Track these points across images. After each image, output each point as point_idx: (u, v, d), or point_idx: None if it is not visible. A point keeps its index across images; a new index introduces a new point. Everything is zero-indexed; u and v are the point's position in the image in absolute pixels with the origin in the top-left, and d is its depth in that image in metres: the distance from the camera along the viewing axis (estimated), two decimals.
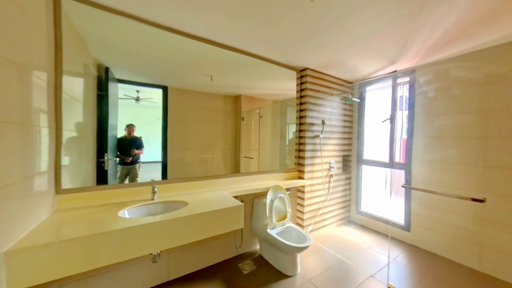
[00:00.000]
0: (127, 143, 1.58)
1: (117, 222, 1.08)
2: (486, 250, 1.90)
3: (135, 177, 1.60)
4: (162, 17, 1.49)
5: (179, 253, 1.73)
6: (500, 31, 1.57)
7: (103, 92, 1.46)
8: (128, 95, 1.57)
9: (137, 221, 1.09)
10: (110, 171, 1.51)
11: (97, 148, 1.44)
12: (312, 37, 1.73)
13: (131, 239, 1.03)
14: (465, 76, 2.01)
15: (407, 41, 1.76)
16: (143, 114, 1.62)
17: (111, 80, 1.50)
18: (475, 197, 1.51)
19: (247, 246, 2.16)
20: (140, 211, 1.38)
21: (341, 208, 2.96)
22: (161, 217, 1.17)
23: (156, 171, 1.68)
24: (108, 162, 1.51)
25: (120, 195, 1.46)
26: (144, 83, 1.63)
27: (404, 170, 2.48)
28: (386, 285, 1.71)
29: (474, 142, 1.95)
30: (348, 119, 2.98)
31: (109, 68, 1.49)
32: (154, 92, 1.68)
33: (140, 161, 1.63)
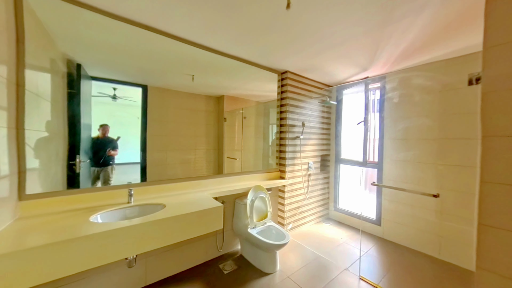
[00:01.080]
0: (101, 144, 1.51)
1: (88, 227, 1.04)
2: (445, 240, 2.12)
3: (108, 180, 1.53)
4: (139, 15, 1.46)
5: (157, 256, 1.70)
6: (450, 46, 1.79)
7: (74, 90, 1.39)
8: (103, 92, 1.51)
9: (110, 226, 1.06)
10: (83, 174, 1.43)
11: (68, 150, 1.36)
12: (291, 43, 1.79)
13: (103, 244, 1.00)
14: (424, 84, 2.24)
15: (376, 51, 1.90)
16: (121, 113, 1.56)
17: (83, 78, 1.43)
18: (433, 192, 1.68)
19: (228, 246, 2.18)
20: (115, 215, 1.33)
21: (320, 206, 3.09)
22: (136, 220, 1.15)
23: (134, 173, 1.63)
24: (80, 164, 1.44)
25: (94, 199, 1.40)
26: (122, 81, 1.56)
27: (376, 169, 2.67)
28: (358, 277, 1.83)
29: (433, 143, 2.16)
30: (326, 121, 3.13)
31: (81, 64, 1.42)
32: (133, 91, 1.62)
33: (114, 163, 1.56)
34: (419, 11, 1.33)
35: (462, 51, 1.88)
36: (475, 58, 1.19)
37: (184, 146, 1.90)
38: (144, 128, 1.67)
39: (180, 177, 1.83)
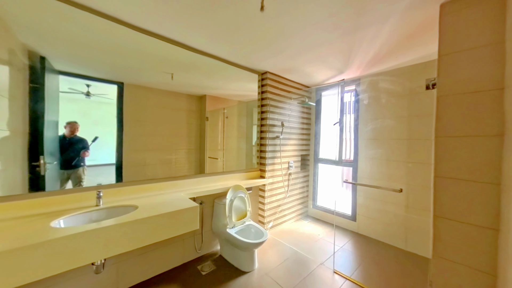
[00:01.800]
0: (68, 144, 1.41)
1: (47, 233, 0.98)
2: (410, 232, 2.29)
3: (80, 183, 1.44)
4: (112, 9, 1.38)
5: (130, 260, 1.63)
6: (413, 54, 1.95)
7: (37, 85, 1.29)
8: (74, 89, 1.41)
9: (71, 230, 1.00)
10: (50, 177, 1.34)
11: (29, 150, 1.26)
12: (269, 44, 1.83)
13: (63, 250, 0.95)
14: (391, 88, 2.42)
15: (349, 55, 2.01)
16: (96, 112, 1.48)
17: (49, 72, 1.33)
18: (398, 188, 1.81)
19: (207, 247, 2.16)
20: (80, 220, 1.26)
21: (299, 204, 3.18)
22: (102, 223, 1.10)
23: (109, 174, 1.55)
24: (45, 166, 1.34)
25: (58, 203, 1.31)
26: (96, 78, 1.48)
27: (352, 167, 2.81)
28: (333, 270, 1.92)
29: (401, 142, 2.33)
30: (306, 121, 3.22)
31: (46, 58, 1.32)
32: (109, 88, 1.54)
33: (85, 164, 1.47)
34: (384, 20, 1.42)
35: (423, 59, 2.05)
36: (433, 65, 1.31)
37: (165, 146, 1.85)
38: (120, 127, 1.59)
39: (156, 178, 1.78)
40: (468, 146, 1.17)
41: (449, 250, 1.25)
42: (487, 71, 1.13)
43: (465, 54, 1.19)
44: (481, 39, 1.14)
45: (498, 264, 1.08)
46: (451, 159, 1.23)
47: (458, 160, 1.20)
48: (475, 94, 1.16)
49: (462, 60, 1.20)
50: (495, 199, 1.10)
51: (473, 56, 1.17)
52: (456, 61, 1.22)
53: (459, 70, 1.21)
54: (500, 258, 1.04)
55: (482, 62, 1.14)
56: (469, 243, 1.18)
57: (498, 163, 1.09)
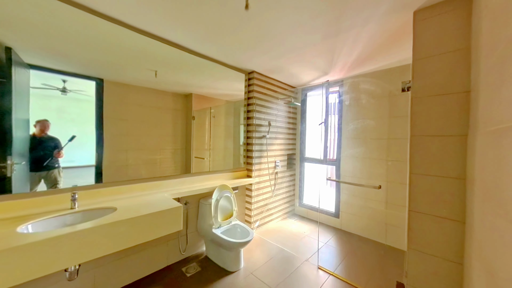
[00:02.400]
0: (39, 144, 1.31)
1: (12, 239, 0.90)
2: (390, 227, 2.41)
3: (55, 185, 1.35)
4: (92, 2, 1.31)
5: (109, 265, 1.56)
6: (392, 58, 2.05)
7: (2, 79, 1.18)
8: (49, 84, 1.32)
9: (40, 235, 0.93)
10: (19, 179, 1.23)
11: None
12: (254, 44, 1.83)
13: (33, 256, 0.88)
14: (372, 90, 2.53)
15: (333, 57, 2.07)
16: (73, 109, 1.39)
17: (16, 64, 1.23)
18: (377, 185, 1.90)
19: (192, 248, 2.12)
20: (52, 224, 1.18)
21: (286, 202, 3.22)
22: (75, 227, 1.03)
23: (89, 176, 1.47)
24: (12, 166, 1.23)
25: (28, 206, 1.22)
26: (71, 73, 1.39)
27: (335, 166, 2.90)
28: (317, 266, 1.97)
29: (380, 142, 2.45)
30: (292, 121, 3.27)
31: (12, 49, 1.21)
32: (88, 84, 1.46)
33: (60, 165, 1.38)
34: (363, 24, 1.48)
35: (401, 62, 2.16)
36: (409, 69, 1.39)
37: (149, 146, 1.79)
38: (100, 126, 1.51)
39: (138, 178, 1.71)
40: (439, 145, 1.26)
41: (422, 242, 1.33)
42: (456, 75, 1.21)
43: (436, 59, 1.27)
44: (450, 44, 1.23)
45: (464, 253, 1.17)
46: (424, 157, 1.31)
47: (430, 157, 1.28)
48: (445, 96, 1.24)
49: (433, 64, 1.28)
50: (461, 194, 1.19)
51: (444, 61, 1.25)
52: (429, 65, 1.30)
53: (431, 73, 1.29)
54: (466, 248, 1.13)
55: (452, 67, 1.23)
56: (440, 235, 1.26)
57: (464, 160, 1.18)
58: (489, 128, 0.79)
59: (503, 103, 0.65)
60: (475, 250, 0.94)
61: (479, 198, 0.90)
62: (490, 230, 0.75)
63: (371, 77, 2.50)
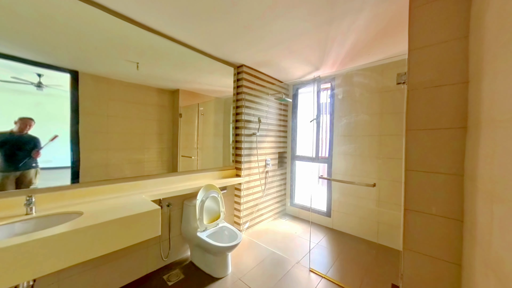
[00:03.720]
0: (16, 142, 1.17)
1: None
2: (382, 226, 2.36)
3: (29, 186, 1.21)
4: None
5: (76, 276, 1.38)
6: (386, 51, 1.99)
7: None
8: (19, 78, 1.16)
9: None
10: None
11: None
12: (241, 34, 1.71)
13: None
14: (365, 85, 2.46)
15: (324, 49, 1.98)
16: (49, 106, 1.26)
17: None
18: (371, 182, 1.83)
19: (176, 254, 1.96)
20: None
21: (277, 202, 3.12)
22: (25, 237, 0.87)
23: (63, 178, 1.32)
24: None
25: None
26: (41, 63, 1.23)
27: (327, 164, 2.83)
28: (308, 269, 1.87)
29: (373, 138, 2.39)
30: (283, 118, 3.17)
31: None
32: (62, 77, 1.31)
33: (38, 165, 1.24)
34: (357, 11, 1.39)
35: (396, 58, 2.11)
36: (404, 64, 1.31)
37: (132, 145, 1.65)
38: (76, 123, 1.36)
39: (112, 178, 1.54)
40: (436, 139, 1.19)
41: (418, 242, 1.26)
42: (454, 65, 1.14)
43: (433, 48, 1.20)
44: (448, 33, 1.16)
45: (462, 254, 1.10)
46: (420, 152, 1.23)
47: (427, 152, 1.21)
48: (442, 87, 1.17)
49: (430, 54, 1.21)
50: (459, 191, 1.12)
51: (441, 50, 1.18)
52: (425, 55, 1.23)
53: (428, 64, 1.22)
54: (465, 248, 1.06)
55: (449, 56, 1.16)
56: (437, 234, 1.19)
57: (462, 155, 1.11)
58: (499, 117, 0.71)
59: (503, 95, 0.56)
60: (479, 252, 0.86)
61: (485, 197, 0.82)
62: (500, 232, 0.67)
63: (365, 71, 2.44)
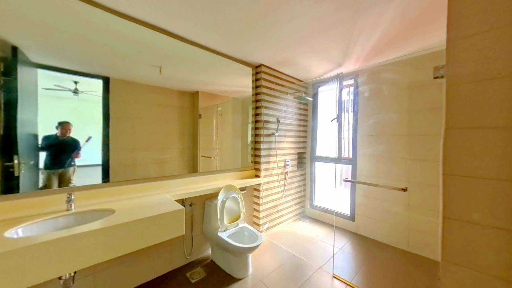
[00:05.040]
0: (60, 144, 1.30)
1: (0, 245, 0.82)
2: (412, 232, 2.19)
3: (68, 184, 1.33)
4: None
5: (110, 270, 1.48)
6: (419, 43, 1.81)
7: (8, 77, 1.14)
8: (60, 85, 1.29)
9: (31, 240, 0.85)
10: (25, 178, 1.20)
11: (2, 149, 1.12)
12: (263, 33, 1.69)
13: (23, 264, 0.80)
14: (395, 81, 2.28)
15: (348, 44, 1.88)
16: (85, 110, 1.38)
17: (22, 64, 1.19)
18: (402, 186, 1.70)
19: (198, 252, 2.01)
20: (44, 227, 1.10)
21: (296, 204, 3.05)
22: (69, 231, 0.94)
23: (95, 175, 1.43)
24: (20, 166, 1.18)
25: (20, 208, 1.15)
26: (77, 72, 1.35)
27: (351, 165, 2.69)
28: (332, 275, 1.80)
29: (402, 138, 2.22)
30: (302, 118, 3.09)
31: (18, 48, 1.17)
32: (95, 83, 1.43)
33: (76, 164, 1.36)
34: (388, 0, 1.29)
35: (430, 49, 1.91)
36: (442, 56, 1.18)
37: (155, 145, 1.73)
38: (107, 125, 1.47)
39: (139, 178, 1.62)
40: (481, 139, 1.05)
41: (460, 254, 1.12)
42: (503, 56, 1.00)
43: (477, 38, 1.07)
44: (496, 19, 1.02)
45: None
46: (461, 154, 1.10)
47: (470, 155, 1.08)
48: (489, 81, 1.04)
49: (474, 44, 1.08)
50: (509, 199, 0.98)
51: (487, 40, 1.04)
52: (468, 45, 1.10)
53: (471, 56, 1.08)
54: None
55: (498, 46, 1.02)
56: (482, 246, 1.06)
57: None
58: None
59: None
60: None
61: None
62: None
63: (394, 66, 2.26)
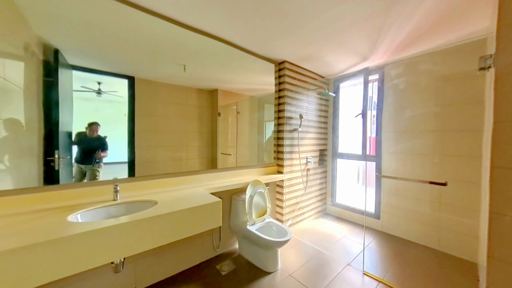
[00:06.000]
0: (89, 142, 1.38)
1: (65, 228, 0.89)
2: (444, 231, 2.10)
3: (95, 178, 1.39)
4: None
5: (148, 259, 1.55)
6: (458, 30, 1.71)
7: (51, 79, 1.22)
8: (86, 87, 1.36)
9: (92, 225, 0.91)
10: (63, 171, 1.28)
11: (44, 145, 1.20)
12: (291, 28, 1.69)
13: (84, 247, 0.86)
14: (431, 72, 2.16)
15: (378, 38, 1.83)
16: (106, 110, 1.42)
17: (62, 66, 1.26)
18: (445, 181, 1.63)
19: (225, 245, 2.05)
20: (98, 214, 1.18)
21: (318, 201, 3.03)
22: (123, 219, 1.00)
23: (120, 172, 1.49)
24: (59, 160, 1.27)
25: (73, 197, 1.24)
26: (106, 72, 1.42)
27: (375, 162, 2.63)
28: (362, 272, 1.77)
29: (436, 134, 2.13)
30: (323, 114, 3.06)
31: (59, 50, 1.25)
32: (119, 84, 1.48)
33: (102, 161, 1.43)
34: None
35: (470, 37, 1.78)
36: (483, 45, 1.11)
37: (176, 143, 1.77)
38: (132, 123, 1.53)
39: (171, 172, 1.68)
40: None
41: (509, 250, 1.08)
42: None
43: None
44: None
45: None
46: None
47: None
48: None
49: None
50: None
51: None
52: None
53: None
54: None
55: None
56: None
57: None
58: None
59: None
60: None
61: None
62: None
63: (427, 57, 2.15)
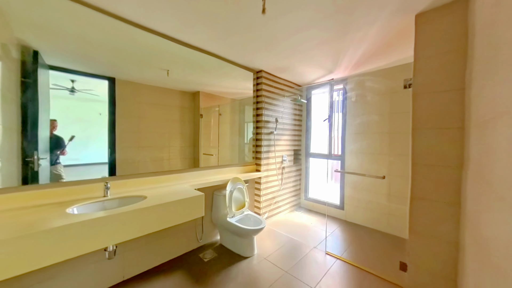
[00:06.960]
0: (50, 141, 1.34)
1: (66, 218, 1.05)
2: (391, 217, 2.55)
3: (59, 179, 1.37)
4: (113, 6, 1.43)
5: (135, 250, 1.71)
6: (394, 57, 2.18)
7: (30, 80, 1.23)
8: (58, 84, 1.32)
9: (89, 216, 1.08)
10: (43, 172, 1.30)
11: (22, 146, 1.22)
12: (266, 45, 1.96)
13: (83, 233, 1.02)
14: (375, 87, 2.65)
15: (338, 56, 2.20)
16: (78, 109, 1.39)
17: (41, 67, 1.28)
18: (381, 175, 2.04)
19: (208, 237, 2.27)
20: (93, 208, 1.33)
21: (293, 196, 3.37)
22: (117, 210, 1.18)
23: (100, 173, 1.50)
24: (38, 162, 1.28)
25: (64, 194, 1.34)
26: (85, 73, 1.43)
27: (340, 161, 3.03)
28: (325, 252, 2.12)
29: (383, 136, 2.58)
30: (298, 118, 3.40)
31: (39, 52, 1.27)
32: (95, 83, 1.46)
33: (60, 162, 1.38)
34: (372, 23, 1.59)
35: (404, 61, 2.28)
36: (411, 67, 1.49)
37: (158, 143, 1.86)
38: (113, 124, 1.56)
39: (157, 171, 1.83)
40: (437, 136, 1.39)
41: (422, 225, 1.47)
42: (453, 73, 1.34)
43: (436, 58, 1.40)
44: (448, 45, 1.36)
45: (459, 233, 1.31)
46: (424, 147, 1.44)
47: (430, 148, 1.42)
48: (443, 93, 1.37)
49: (433, 63, 1.41)
50: (458, 180, 1.32)
51: (442, 60, 1.38)
52: (428, 64, 1.43)
53: (431, 72, 1.42)
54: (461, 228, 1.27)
55: (449, 66, 1.35)
56: (438, 218, 1.40)
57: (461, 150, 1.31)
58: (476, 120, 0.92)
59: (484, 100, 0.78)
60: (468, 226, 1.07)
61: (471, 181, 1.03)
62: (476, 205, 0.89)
63: (374, 76, 2.63)
